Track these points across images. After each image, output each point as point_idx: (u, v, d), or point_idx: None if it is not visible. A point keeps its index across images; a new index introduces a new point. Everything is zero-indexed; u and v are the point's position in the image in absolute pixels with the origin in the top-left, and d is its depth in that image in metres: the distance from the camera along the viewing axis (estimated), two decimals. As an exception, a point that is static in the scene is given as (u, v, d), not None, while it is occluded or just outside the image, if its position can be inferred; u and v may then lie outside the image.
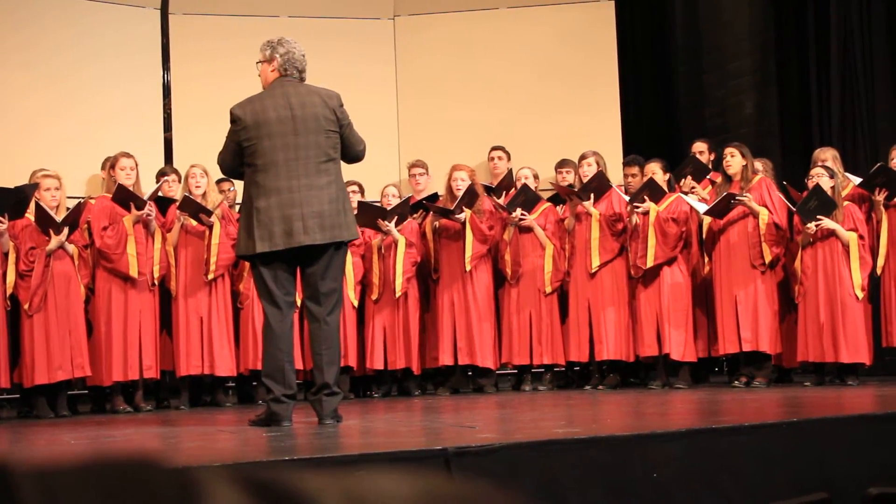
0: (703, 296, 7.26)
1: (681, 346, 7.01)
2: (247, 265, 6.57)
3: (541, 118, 8.79)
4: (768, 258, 6.77)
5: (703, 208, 6.94)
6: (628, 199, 7.25)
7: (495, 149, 8.16)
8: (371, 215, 7.38)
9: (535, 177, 7.77)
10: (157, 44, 8.48)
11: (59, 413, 6.53)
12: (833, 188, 6.64)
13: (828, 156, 7.02)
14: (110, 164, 6.93)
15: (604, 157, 7.52)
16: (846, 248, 6.57)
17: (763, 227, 6.77)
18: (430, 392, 7.58)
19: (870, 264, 6.63)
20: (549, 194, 7.87)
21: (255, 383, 7.17)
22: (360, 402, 7.07)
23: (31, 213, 6.53)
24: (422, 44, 9.02)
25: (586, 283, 7.30)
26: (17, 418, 6.77)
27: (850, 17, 8.45)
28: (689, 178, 7.43)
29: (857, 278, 6.55)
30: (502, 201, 7.61)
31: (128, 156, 6.83)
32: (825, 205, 6.57)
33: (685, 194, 7.20)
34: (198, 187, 7.02)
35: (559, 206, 7.71)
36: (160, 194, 7.04)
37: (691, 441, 3.53)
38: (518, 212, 7.43)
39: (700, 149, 7.85)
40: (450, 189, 7.48)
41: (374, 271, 7.43)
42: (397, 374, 7.57)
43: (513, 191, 7.67)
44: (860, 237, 6.59)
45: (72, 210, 6.62)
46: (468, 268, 7.36)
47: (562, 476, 3.28)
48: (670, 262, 7.07)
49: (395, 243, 7.37)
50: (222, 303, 7.05)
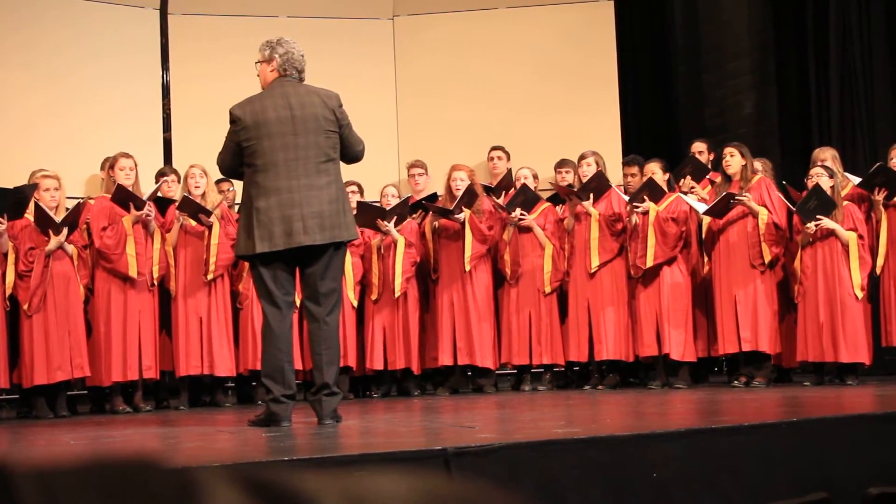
0: (703, 296, 7.26)
1: (680, 346, 7.01)
2: (246, 265, 6.56)
3: (540, 118, 8.79)
4: (768, 258, 6.77)
5: (702, 208, 6.94)
6: (628, 198, 7.25)
7: (495, 149, 8.16)
8: (370, 215, 7.38)
9: (535, 177, 7.77)
10: (156, 44, 8.48)
11: (59, 413, 6.52)
12: (832, 188, 6.64)
13: (827, 155, 7.03)
14: (109, 164, 6.93)
15: (603, 156, 7.52)
16: (846, 247, 6.57)
17: (762, 227, 6.77)
18: (429, 392, 7.58)
19: (869, 264, 6.62)
20: (548, 194, 7.87)
21: (254, 383, 7.17)
22: (360, 402, 7.07)
23: (30, 214, 6.53)
24: (421, 44, 9.01)
25: (586, 283, 7.30)
26: (16, 419, 6.77)
27: (849, 16, 8.45)
28: (688, 177, 7.43)
29: (857, 278, 6.54)
30: (502, 201, 7.61)
31: (127, 156, 6.83)
32: (825, 204, 6.57)
33: (684, 194, 7.20)
34: (197, 187, 7.02)
35: (558, 206, 7.70)
36: (159, 194, 7.04)
37: (691, 441, 3.52)
38: (517, 212, 7.43)
39: (699, 149, 7.85)
40: (449, 189, 7.48)
41: (374, 271, 7.43)
42: (397, 375, 7.57)
43: (512, 191, 7.67)
44: (860, 237, 6.59)
45: (71, 210, 6.62)
46: (468, 268, 7.35)
47: (561, 476, 3.28)
48: (670, 261, 7.06)
49: (395, 243, 7.37)
50: (222, 303, 7.05)
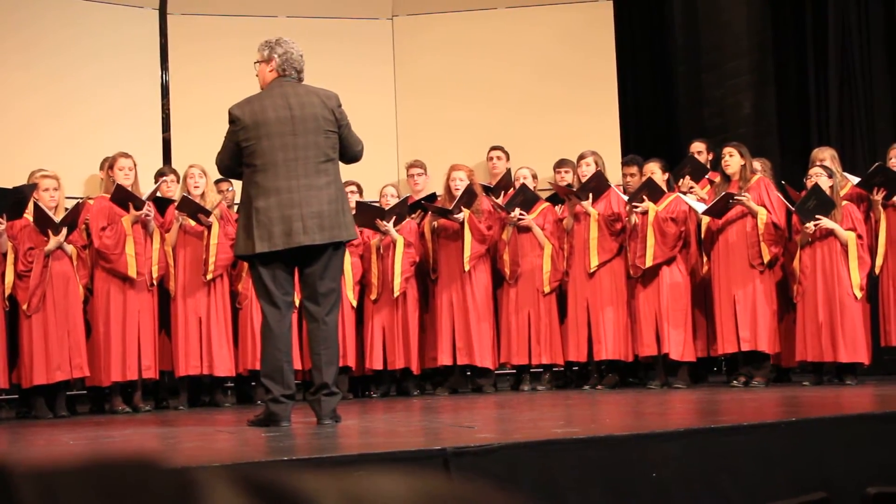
0: (702, 295, 7.26)
1: (680, 346, 7.01)
2: (245, 265, 6.56)
3: (539, 118, 8.79)
4: (767, 258, 6.77)
5: (701, 208, 6.94)
6: (627, 198, 7.25)
7: (494, 149, 8.16)
8: (369, 215, 7.38)
9: (534, 177, 7.77)
10: (155, 44, 8.48)
11: (58, 413, 6.52)
12: (831, 188, 6.64)
13: (826, 155, 7.03)
14: (109, 164, 6.92)
15: (602, 156, 7.52)
16: (845, 247, 6.57)
17: (762, 227, 6.77)
18: (428, 392, 7.58)
19: (868, 264, 6.63)
20: (547, 194, 7.88)
21: (253, 383, 7.17)
22: (359, 402, 7.07)
23: (29, 214, 6.53)
24: (420, 44, 9.01)
25: (585, 283, 7.30)
26: (15, 419, 6.76)
27: (848, 16, 8.46)
28: (687, 177, 7.44)
29: (856, 278, 6.55)
30: (501, 201, 7.61)
31: (126, 156, 6.83)
32: (824, 204, 6.58)
33: (683, 194, 7.20)
34: (196, 187, 7.02)
35: (558, 205, 7.70)
36: (159, 194, 7.04)
37: (690, 441, 3.53)
38: (517, 212, 7.43)
39: (698, 149, 7.85)
40: (448, 189, 7.48)
41: (373, 271, 7.43)
42: (396, 374, 7.57)
43: (511, 191, 7.67)
44: (859, 237, 6.59)
45: (70, 210, 6.62)
46: (467, 268, 7.35)
47: (561, 476, 3.29)
48: (669, 261, 7.06)
49: (394, 243, 7.37)
50: (221, 303, 7.05)
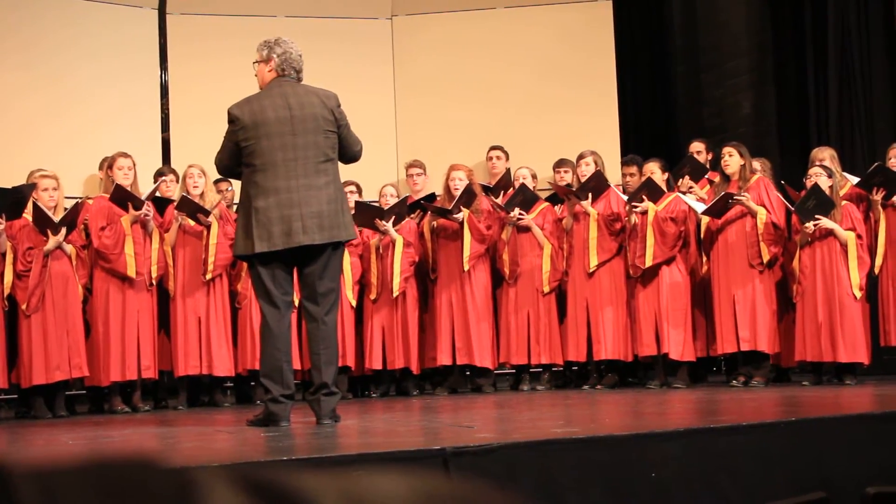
0: (702, 295, 7.26)
1: (679, 346, 7.01)
2: (245, 265, 6.56)
3: (539, 118, 8.79)
4: (766, 258, 6.77)
5: (701, 208, 6.94)
6: (626, 198, 7.25)
7: (493, 148, 8.17)
8: (369, 215, 7.37)
9: (534, 176, 7.77)
10: (154, 44, 8.48)
11: (57, 413, 6.52)
12: (831, 188, 6.64)
13: (825, 155, 7.03)
14: (108, 163, 6.92)
15: (602, 156, 7.52)
16: (844, 247, 6.57)
17: (761, 227, 6.77)
18: (428, 392, 7.58)
19: (868, 264, 6.63)
20: (547, 194, 7.88)
21: (253, 383, 7.16)
22: (359, 401, 7.07)
23: (28, 214, 6.53)
24: (419, 44, 9.01)
25: (584, 283, 7.30)
26: (14, 419, 6.76)
27: (847, 16, 8.46)
28: (686, 177, 7.44)
29: (855, 278, 6.55)
30: (500, 201, 7.61)
31: (125, 156, 6.83)
32: (823, 204, 6.58)
33: (683, 194, 7.21)
34: (195, 187, 7.02)
35: (557, 205, 7.71)
36: (158, 194, 7.03)
37: (690, 441, 3.53)
38: (516, 211, 7.43)
39: (698, 148, 7.85)
40: (448, 189, 7.47)
41: (372, 271, 7.43)
42: (395, 374, 7.57)
43: (511, 190, 7.67)
44: (858, 237, 6.60)
45: (69, 210, 6.62)
46: (466, 267, 7.35)
47: (560, 476, 3.28)
48: (669, 261, 7.06)
49: (393, 243, 7.36)
50: (220, 303, 7.05)
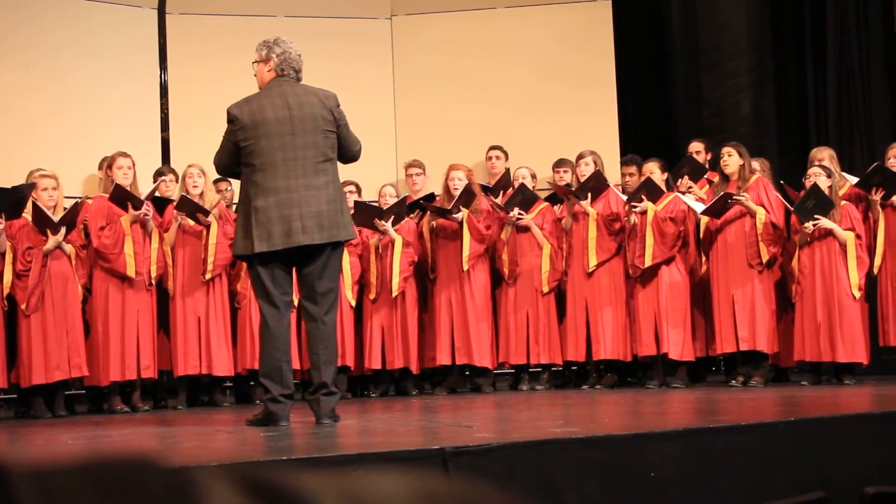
0: (701, 295, 7.26)
1: (679, 346, 7.01)
2: (244, 265, 6.56)
3: (538, 118, 8.79)
4: (765, 258, 6.77)
5: (700, 208, 6.94)
6: (626, 198, 7.25)
7: (493, 148, 8.17)
8: (368, 215, 7.37)
9: (533, 176, 7.77)
10: (154, 44, 8.48)
11: (57, 413, 6.51)
12: (830, 188, 6.65)
13: (825, 155, 7.03)
14: (107, 163, 6.92)
15: (601, 156, 7.52)
16: (843, 247, 6.57)
17: (760, 227, 6.77)
18: (427, 392, 7.58)
19: (867, 264, 6.63)
20: (546, 194, 7.88)
21: (252, 383, 7.16)
22: (358, 401, 7.07)
23: (28, 213, 6.53)
24: (419, 43, 9.01)
25: (584, 283, 7.30)
26: (14, 418, 6.76)
27: (846, 16, 8.46)
28: (686, 177, 7.44)
29: (854, 278, 6.55)
30: (500, 201, 7.61)
31: (125, 155, 6.82)
32: (822, 204, 6.58)
33: (682, 194, 7.21)
34: (195, 187, 7.02)
35: (556, 205, 7.71)
36: (157, 194, 7.03)
37: (689, 440, 3.53)
38: (515, 211, 7.43)
39: (697, 148, 7.85)
40: (447, 189, 7.47)
41: (372, 271, 7.42)
42: (395, 374, 7.57)
43: (510, 190, 7.67)
44: (857, 237, 6.60)
45: (69, 210, 6.61)
46: (465, 267, 7.35)
47: (559, 475, 3.29)
48: (668, 261, 7.06)
49: (393, 243, 7.36)
50: (220, 302, 7.04)
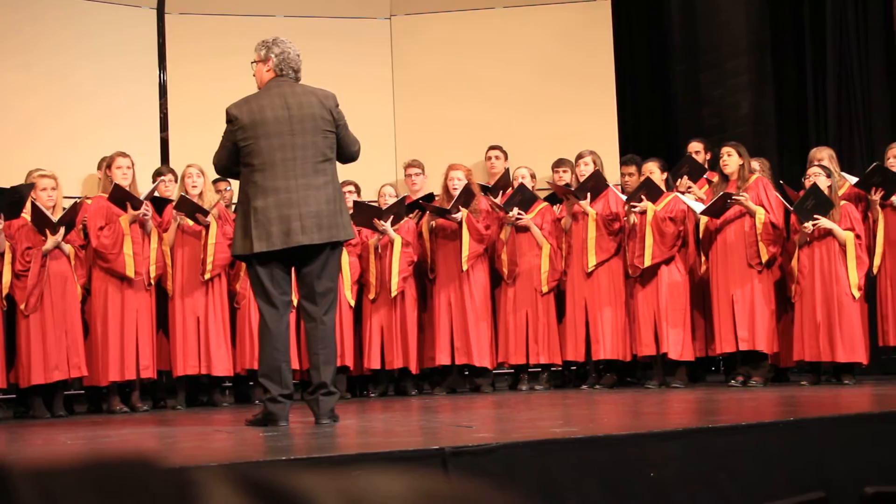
0: (700, 295, 7.26)
1: (678, 346, 7.01)
2: (243, 265, 6.56)
3: (537, 118, 8.79)
4: (765, 257, 6.78)
5: (699, 208, 6.94)
6: (625, 198, 7.25)
7: (492, 148, 8.17)
8: (367, 215, 7.37)
9: (532, 176, 7.77)
10: (153, 44, 8.48)
11: (56, 413, 6.51)
12: (830, 187, 6.65)
13: (824, 155, 7.04)
14: (107, 163, 6.92)
15: (601, 156, 7.52)
16: (843, 247, 6.57)
17: (760, 227, 6.77)
18: (426, 392, 7.57)
19: (866, 263, 6.63)
20: (545, 194, 7.88)
21: (251, 383, 7.16)
22: (357, 401, 7.06)
23: (27, 213, 6.52)
24: (418, 43, 9.01)
25: (583, 283, 7.30)
26: (13, 419, 6.76)
27: (846, 16, 8.46)
28: (685, 177, 7.44)
29: (854, 278, 6.55)
30: (499, 201, 7.61)
31: (124, 155, 6.82)
32: (822, 204, 6.58)
33: (682, 194, 7.21)
34: (194, 187, 7.02)
35: (556, 205, 7.71)
36: (156, 194, 7.03)
37: (689, 440, 3.53)
38: (515, 211, 7.43)
39: (696, 148, 7.85)
40: (446, 188, 7.47)
41: (371, 271, 7.42)
42: (394, 374, 7.57)
43: (509, 190, 7.67)
44: (857, 236, 6.60)
45: (68, 210, 6.61)
46: (465, 267, 7.35)
47: (559, 475, 3.28)
48: (668, 261, 7.06)
49: (392, 243, 7.36)
50: (219, 302, 7.04)
